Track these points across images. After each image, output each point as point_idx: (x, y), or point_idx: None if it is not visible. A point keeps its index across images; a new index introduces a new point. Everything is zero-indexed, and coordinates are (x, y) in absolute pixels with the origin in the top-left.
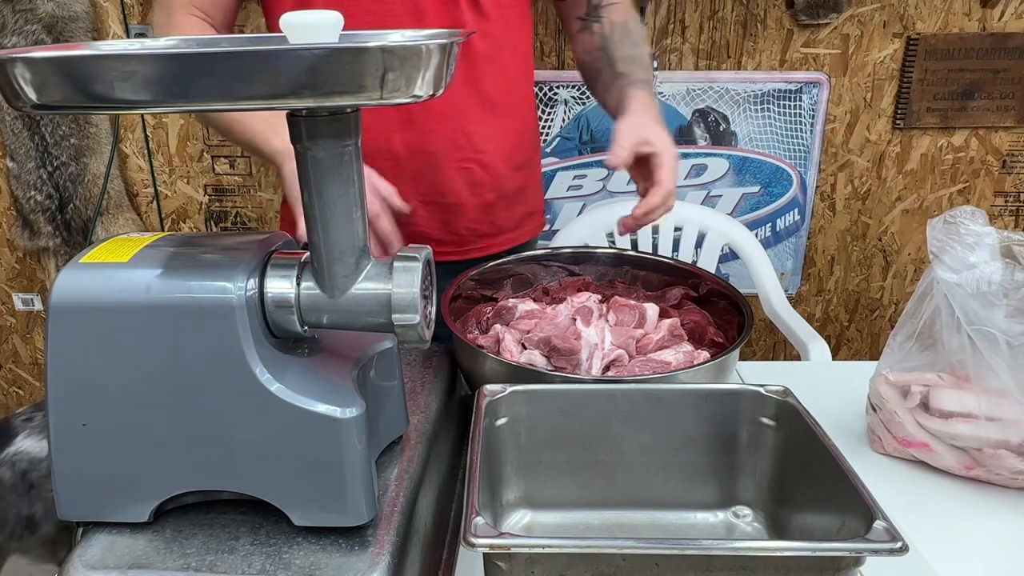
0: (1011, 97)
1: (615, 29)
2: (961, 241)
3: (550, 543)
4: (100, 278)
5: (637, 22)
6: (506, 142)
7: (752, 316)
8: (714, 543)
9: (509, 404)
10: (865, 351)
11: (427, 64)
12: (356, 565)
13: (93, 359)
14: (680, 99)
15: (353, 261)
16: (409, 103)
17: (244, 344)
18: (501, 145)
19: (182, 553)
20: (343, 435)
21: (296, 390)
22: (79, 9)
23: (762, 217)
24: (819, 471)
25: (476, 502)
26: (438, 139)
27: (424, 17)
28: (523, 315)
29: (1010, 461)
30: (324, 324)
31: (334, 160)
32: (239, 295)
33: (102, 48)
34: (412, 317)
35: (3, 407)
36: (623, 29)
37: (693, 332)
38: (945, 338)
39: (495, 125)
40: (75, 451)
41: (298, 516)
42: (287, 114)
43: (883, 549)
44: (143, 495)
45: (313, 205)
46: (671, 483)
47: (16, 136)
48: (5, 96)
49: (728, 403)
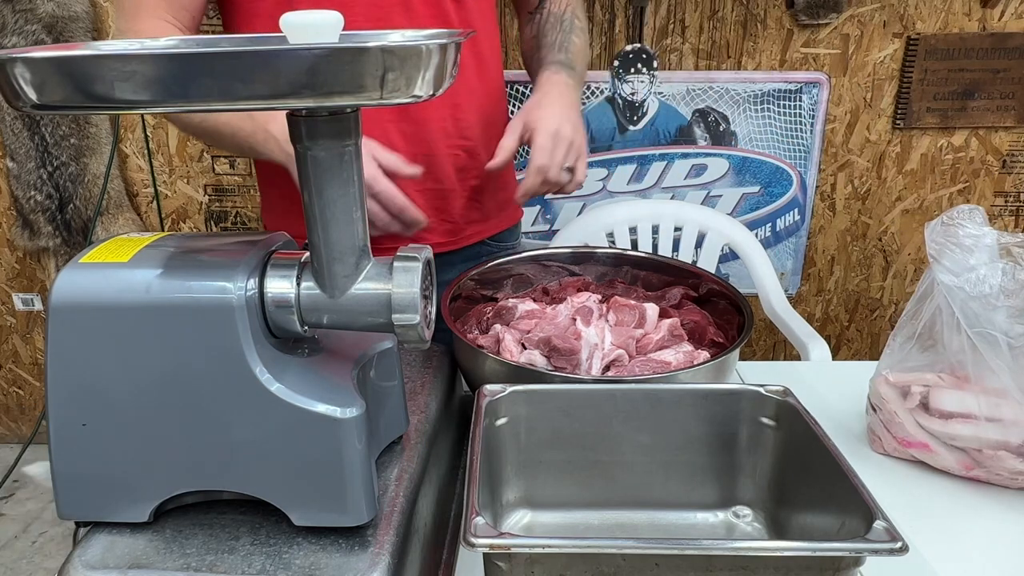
0: (1011, 97)
1: (549, 17)
2: (960, 243)
3: (550, 543)
4: (100, 278)
5: (578, 10)
6: (486, 127)
7: (752, 316)
8: (714, 543)
9: (509, 404)
10: (865, 351)
11: (427, 64)
12: (356, 565)
13: (93, 359)
14: (680, 99)
15: (353, 261)
16: (409, 103)
17: (244, 344)
18: (483, 130)
19: (182, 553)
20: (343, 435)
21: (296, 390)
22: (79, 9)
23: (762, 217)
24: (819, 471)
25: (476, 502)
26: (432, 127)
27: (411, 7)
28: (523, 315)
29: (1010, 462)
30: (324, 324)
31: (334, 160)
32: (239, 295)
33: (102, 48)
34: (412, 317)
35: (3, 407)
36: (556, 17)
37: (693, 332)
38: (945, 339)
39: (477, 111)
40: (75, 451)
41: (298, 516)
42: (287, 114)
43: (883, 549)
44: (143, 495)
45: (313, 205)
46: (671, 483)
47: (16, 136)
48: (5, 96)
49: (728, 403)
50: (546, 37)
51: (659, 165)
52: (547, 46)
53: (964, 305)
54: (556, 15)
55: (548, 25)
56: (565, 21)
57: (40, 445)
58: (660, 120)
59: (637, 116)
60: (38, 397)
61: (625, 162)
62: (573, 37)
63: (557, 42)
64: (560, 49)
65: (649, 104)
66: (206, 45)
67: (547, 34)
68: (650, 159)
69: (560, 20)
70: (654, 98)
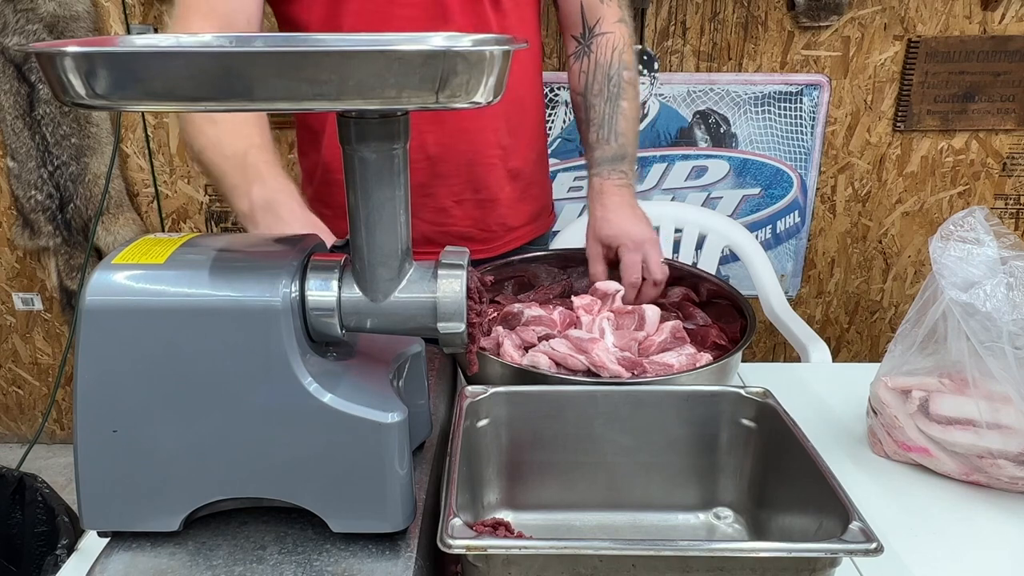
0: (1011, 100)
1: (597, 73)
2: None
3: (526, 544)
4: (136, 279)
5: (625, 54)
6: (526, 136)
7: (755, 318)
8: (690, 544)
9: (490, 405)
10: (865, 353)
11: (490, 70)
12: (391, 570)
13: (127, 362)
14: (681, 101)
15: (396, 265)
16: (467, 108)
17: (288, 348)
18: (522, 139)
19: (208, 565)
20: (388, 440)
21: (340, 395)
22: (80, 9)
23: (762, 219)
24: (798, 472)
25: (454, 503)
26: (470, 137)
27: (450, 17)
28: (530, 320)
29: (1010, 470)
30: (366, 328)
31: (383, 162)
32: (284, 299)
33: (164, 44)
34: (458, 325)
35: (2, 407)
36: (604, 74)
37: (695, 334)
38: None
39: (517, 119)
40: (104, 458)
41: (336, 523)
42: (337, 114)
43: (858, 550)
44: (174, 504)
45: (358, 207)
46: (653, 485)
47: (17, 135)
48: (53, 90)
49: (709, 405)
50: (593, 108)
51: (659, 167)
52: (595, 126)
53: (969, 317)
54: (603, 68)
55: (596, 86)
56: (612, 80)
57: (42, 445)
58: (661, 122)
59: None
60: (38, 397)
61: None
62: (622, 103)
63: (605, 121)
64: (609, 135)
65: (650, 105)
66: (271, 44)
67: (594, 104)
68: (651, 161)
69: (607, 80)
70: (655, 99)
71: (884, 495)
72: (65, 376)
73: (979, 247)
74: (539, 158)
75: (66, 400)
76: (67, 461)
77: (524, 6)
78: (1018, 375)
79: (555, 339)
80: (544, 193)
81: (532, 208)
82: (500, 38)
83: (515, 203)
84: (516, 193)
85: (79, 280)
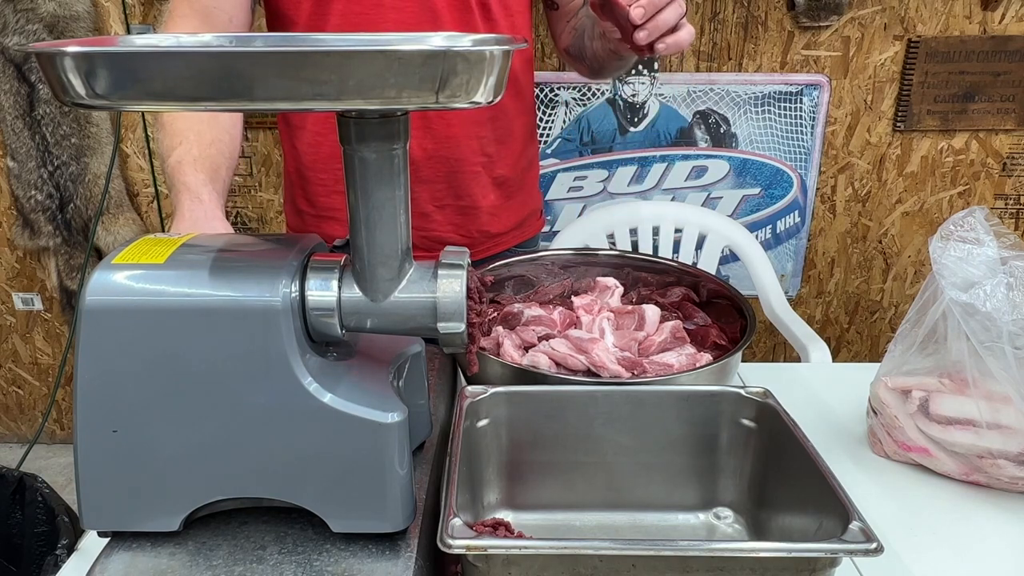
0: (1011, 100)
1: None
2: (965, 259)
3: (526, 544)
4: (136, 279)
5: None
6: (514, 144)
7: (755, 318)
8: (690, 544)
9: (490, 405)
10: (865, 353)
11: (490, 70)
12: (391, 570)
13: (128, 362)
14: (681, 101)
15: (396, 265)
16: (466, 108)
17: (288, 348)
18: (510, 147)
19: (208, 565)
20: (388, 440)
21: (341, 395)
22: (80, 8)
23: (762, 219)
24: (798, 472)
25: (454, 503)
26: (455, 144)
27: (439, 20)
28: (530, 320)
29: (1010, 470)
30: (366, 328)
31: (383, 162)
32: (284, 298)
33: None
34: (458, 325)
35: (2, 406)
36: None
37: (695, 334)
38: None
39: (504, 127)
40: (104, 458)
41: (336, 523)
42: (337, 114)
43: (858, 550)
44: (175, 504)
45: (359, 207)
46: (653, 485)
47: (17, 135)
48: (53, 90)
49: (709, 405)
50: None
51: (660, 167)
52: None
53: (969, 318)
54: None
55: None
56: None
57: (42, 445)
58: (661, 122)
59: (638, 118)
60: (38, 397)
61: (626, 163)
62: None
63: None
64: None
65: (650, 105)
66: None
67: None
68: (651, 161)
69: None
70: (655, 99)
71: (884, 495)
72: (65, 376)
73: (979, 247)
74: (528, 165)
75: (66, 400)
76: (67, 461)
77: (516, 14)
78: (1018, 375)
79: (555, 339)
80: (532, 199)
81: (517, 215)
82: (500, 38)
83: (498, 211)
84: (500, 201)
85: (79, 280)
